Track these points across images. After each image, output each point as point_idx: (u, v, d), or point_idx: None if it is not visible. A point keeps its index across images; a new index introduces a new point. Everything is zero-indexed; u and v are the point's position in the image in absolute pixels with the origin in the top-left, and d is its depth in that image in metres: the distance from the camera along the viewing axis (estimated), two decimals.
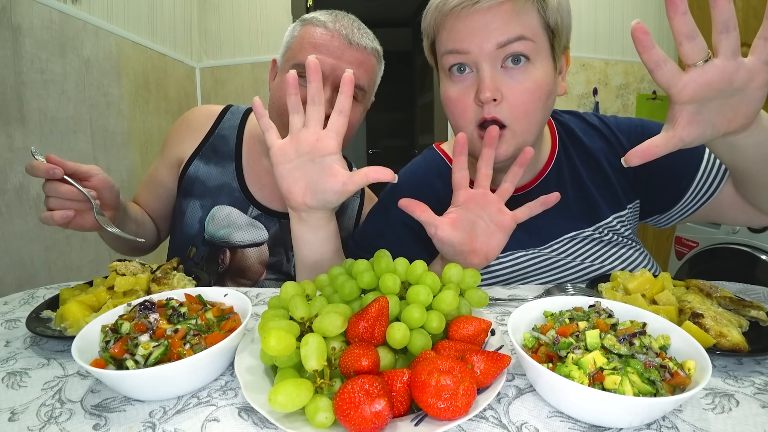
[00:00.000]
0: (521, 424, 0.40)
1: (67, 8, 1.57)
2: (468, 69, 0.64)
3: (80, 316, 0.59)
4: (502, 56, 0.62)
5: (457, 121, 0.68)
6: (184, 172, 0.90)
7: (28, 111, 1.40)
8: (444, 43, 0.65)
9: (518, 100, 0.62)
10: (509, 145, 0.65)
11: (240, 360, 0.47)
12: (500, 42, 0.60)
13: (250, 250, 0.89)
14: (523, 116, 0.64)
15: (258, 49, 2.65)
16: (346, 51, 0.73)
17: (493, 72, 0.62)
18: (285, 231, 0.89)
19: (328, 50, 0.73)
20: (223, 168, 0.90)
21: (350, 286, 0.52)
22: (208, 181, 0.90)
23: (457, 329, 0.48)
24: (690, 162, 0.74)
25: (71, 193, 0.67)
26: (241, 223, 0.89)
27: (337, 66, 0.73)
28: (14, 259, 1.31)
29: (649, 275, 0.63)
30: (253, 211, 0.89)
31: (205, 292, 0.59)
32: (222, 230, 0.89)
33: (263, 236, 0.89)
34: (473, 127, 0.66)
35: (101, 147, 1.77)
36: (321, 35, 0.74)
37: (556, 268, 0.79)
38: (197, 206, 0.89)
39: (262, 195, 0.90)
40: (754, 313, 0.56)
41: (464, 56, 0.63)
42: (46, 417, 0.42)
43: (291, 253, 0.89)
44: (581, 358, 0.41)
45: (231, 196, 0.89)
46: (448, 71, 0.66)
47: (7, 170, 1.31)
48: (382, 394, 0.36)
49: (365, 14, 1.11)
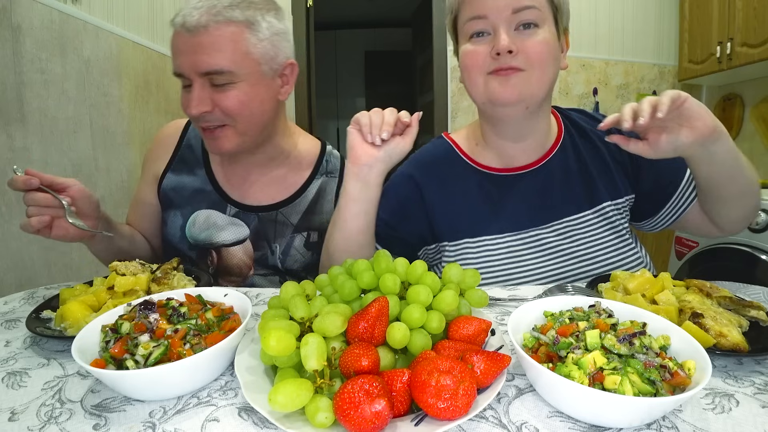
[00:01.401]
0: (521, 424, 0.40)
1: (67, 8, 1.57)
2: (486, 34, 0.74)
3: (80, 316, 0.59)
4: (515, 21, 0.71)
5: (471, 71, 0.75)
6: (160, 186, 0.95)
7: (28, 111, 1.40)
8: (466, 12, 0.74)
9: (532, 50, 0.71)
10: (523, 86, 0.72)
11: (240, 360, 0.47)
12: (515, 7, 0.70)
13: (235, 248, 0.91)
14: (537, 63, 0.72)
15: None
16: (196, 44, 0.75)
17: (508, 31, 0.71)
18: (265, 224, 0.92)
19: (184, 53, 0.77)
20: (195, 175, 0.94)
21: (350, 286, 0.52)
22: (183, 191, 0.94)
23: (457, 329, 0.48)
24: (675, 176, 0.85)
25: (47, 200, 0.72)
26: (222, 223, 0.91)
27: (195, 62, 0.76)
28: (14, 259, 1.31)
29: (649, 275, 0.63)
30: (231, 209, 0.92)
31: (205, 292, 0.59)
32: (203, 233, 0.91)
33: (245, 233, 0.91)
34: (484, 75, 0.74)
35: (101, 147, 1.77)
36: (176, 43, 0.78)
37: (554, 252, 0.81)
38: (177, 215, 0.93)
39: (237, 193, 0.93)
40: (754, 313, 0.56)
41: (483, 21, 0.72)
42: (46, 417, 0.42)
43: (274, 245, 0.91)
44: (581, 358, 0.41)
45: (208, 200, 0.93)
46: (468, 38, 0.75)
47: (7, 170, 1.31)
48: (382, 394, 0.36)
49: (365, 14, 1.11)
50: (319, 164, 0.95)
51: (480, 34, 0.74)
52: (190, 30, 0.74)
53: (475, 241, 0.82)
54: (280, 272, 0.93)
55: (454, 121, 2.73)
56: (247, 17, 0.77)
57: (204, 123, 0.80)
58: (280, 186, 0.93)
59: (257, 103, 0.80)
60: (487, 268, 0.81)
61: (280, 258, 0.91)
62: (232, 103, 0.78)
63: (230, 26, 0.76)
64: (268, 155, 0.91)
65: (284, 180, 0.93)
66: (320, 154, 0.97)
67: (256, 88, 0.80)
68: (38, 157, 1.47)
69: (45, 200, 0.72)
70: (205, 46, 0.75)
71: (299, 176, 0.94)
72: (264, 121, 0.84)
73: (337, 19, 5.05)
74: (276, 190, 0.93)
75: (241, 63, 0.77)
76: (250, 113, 0.80)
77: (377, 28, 5.28)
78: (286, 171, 0.94)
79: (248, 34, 0.77)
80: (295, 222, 0.92)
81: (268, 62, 0.81)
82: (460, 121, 2.72)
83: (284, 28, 0.84)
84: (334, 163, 0.97)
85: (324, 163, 0.96)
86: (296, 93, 2.67)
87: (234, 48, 0.76)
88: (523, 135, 0.82)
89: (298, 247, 0.92)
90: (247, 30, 0.77)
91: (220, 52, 0.75)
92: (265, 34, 0.79)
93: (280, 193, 0.93)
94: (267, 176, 0.93)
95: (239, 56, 0.77)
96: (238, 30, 0.76)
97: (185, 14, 0.75)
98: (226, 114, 0.79)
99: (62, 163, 1.56)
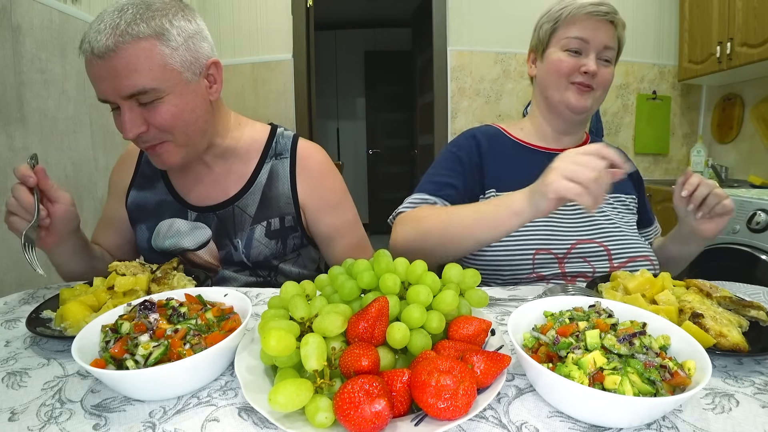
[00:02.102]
0: (521, 424, 0.40)
1: (67, 8, 1.57)
2: (578, 53, 0.91)
3: (80, 316, 0.59)
4: (601, 54, 0.91)
5: (561, 76, 0.92)
6: (126, 204, 0.96)
7: (28, 111, 1.40)
8: (572, 30, 0.91)
9: (602, 78, 0.92)
10: (590, 102, 0.93)
11: (240, 360, 0.47)
12: (606, 45, 0.91)
13: (201, 251, 0.92)
14: (602, 88, 0.93)
15: (258, 49, 2.65)
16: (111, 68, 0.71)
17: (596, 59, 0.91)
18: (224, 221, 0.92)
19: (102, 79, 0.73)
20: (155, 188, 0.95)
21: (350, 286, 0.52)
22: (146, 205, 0.94)
23: (457, 329, 0.48)
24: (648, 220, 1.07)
25: (26, 203, 0.72)
26: (186, 229, 0.92)
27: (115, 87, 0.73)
28: (14, 259, 1.31)
29: (649, 275, 0.63)
30: (191, 214, 0.93)
31: (205, 292, 0.59)
32: (168, 241, 0.92)
33: (207, 234, 0.92)
34: (566, 80, 0.92)
35: (101, 147, 1.77)
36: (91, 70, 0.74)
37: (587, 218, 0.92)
38: (144, 229, 0.94)
39: (195, 197, 0.93)
40: (754, 313, 0.56)
41: (584, 43, 0.90)
42: (46, 417, 0.42)
43: (236, 240, 0.91)
44: (581, 358, 0.41)
45: (170, 209, 0.93)
46: (563, 50, 0.92)
47: (7, 170, 1.31)
48: (382, 394, 0.36)
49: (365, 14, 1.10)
50: (267, 149, 0.94)
51: (575, 51, 0.91)
52: (100, 56, 0.70)
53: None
54: (248, 267, 0.93)
55: (454, 121, 2.73)
56: (155, 29, 0.73)
57: (144, 144, 0.78)
58: (231, 180, 0.92)
59: (189, 112, 0.78)
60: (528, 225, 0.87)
61: (244, 252, 0.91)
62: (165, 118, 0.75)
63: (140, 43, 0.71)
64: (213, 154, 0.90)
65: (234, 173, 0.93)
66: (269, 138, 0.95)
67: (184, 97, 0.77)
68: (38, 156, 1.47)
69: (25, 202, 0.72)
70: (119, 69, 0.71)
71: (248, 166, 0.93)
72: (201, 127, 0.82)
73: (337, 19, 5.05)
74: (227, 185, 0.92)
75: (161, 77, 0.73)
76: (184, 124, 0.78)
77: (377, 28, 5.28)
78: (235, 164, 0.93)
79: (161, 46, 0.73)
80: (253, 213, 0.91)
81: (189, 68, 0.77)
82: (459, 121, 2.72)
83: (197, 27, 0.80)
84: (283, 143, 0.95)
85: (273, 146, 0.94)
86: (296, 93, 2.67)
87: (150, 65, 0.72)
88: (570, 132, 1.00)
89: (259, 238, 0.91)
90: (158, 42, 0.73)
91: (137, 72, 0.71)
92: (178, 41, 0.75)
93: (232, 187, 0.92)
94: (217, 174, 0.92)
95: (158, 71, 0.73)
96: (149, 45, 0.72)
97: (90, 39, 0.71)
98: (161, 130, 0.77)
99: (62, 162, 1.56)
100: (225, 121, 0.91)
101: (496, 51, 2.70)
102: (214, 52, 0.85)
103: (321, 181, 0.94)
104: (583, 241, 0.88)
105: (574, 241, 0.87)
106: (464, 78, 2.70)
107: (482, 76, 2.71)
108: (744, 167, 2.60)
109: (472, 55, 2.69)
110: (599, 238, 0.89)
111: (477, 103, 2.73)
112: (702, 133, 2.90)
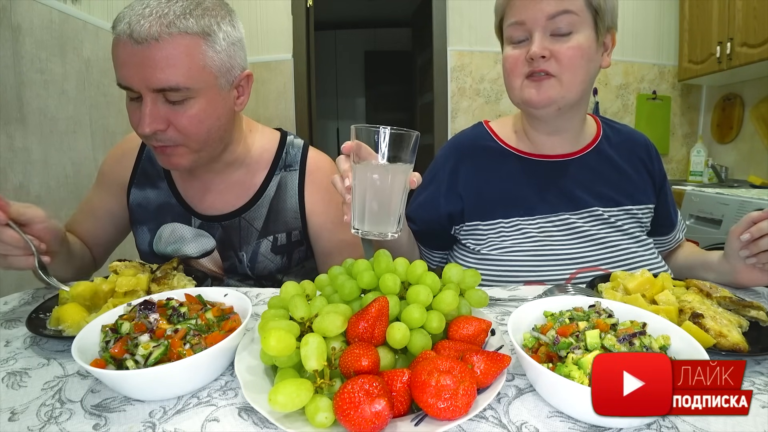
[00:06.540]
0: (521, 424, 0.40)
1: (67, 8, 1.57)
2: (525, 39, 0.78)
3: (78, 318, 0.59)
4: (550, 27, 0.75)
5: (510, 74, 0.80)
6: (128, 201, 0.93)
7: (28, 111, 1.40)
8: (507, 17, 0.79)
9: (564, 55, 0.74)
10: (554, 90, 0.76)
11: (240, 360, 0.47)
12: (549, 14, 0.73)
13: (203, 259, 0.90)
14: (567, 69, 0.75)
15: (258, 49, 2.65)
16: (147, 57, 0.68)
17: (542, 37, 0.75)
18: (229, 233, 0.89)
19: (131, 65, 0.69)
20: (158, 189, 0.92)
21: (350, 286, 0.52)
22: (148, 206, 0.91)
23: (457, 329, 0.48)
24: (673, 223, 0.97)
25: (15, 240, 0.66)
26: (189, 236, 0.90)
27: (146, 76, 0.69)
28: None
29: (649, 275, 0.63)
30: (195, 221, 0.90)
31: (205, 292, 0.59)
32: (169, 246, 0.90)
33: (211, 244, 0.90)
34: (522, 78, 0.79)
35: (101, 147, 1.77)
36: (121, 54, 0.70)
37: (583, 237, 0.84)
38: (145, 231, 0.92)
39: (200, 204, 0.90)
40: (754, 313, 0.56)
41: (522, 27, 0.76)
42: (46, 417, 0.42)
43: (241, 253, 0.90)
44: (581, 358, 0.41)
45: (173, 213, 0.90)
46: (509, 43, 0.80)
47: (7, 170, 1.31)
48: (382, 394, 0.36)
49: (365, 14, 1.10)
50: (277, 160, 0.91)
51: (520, 40, 0.78)
52: (139, 41, 0.67)
53: (509, 221, 0.85)
54: (252, 279, 0.91)
55: (454, 121, 2.73)
56: (203, 27, 0.71)
57: (156, 142, 0.75)
58: (239, 191, 0.90)
59: (214, 119, 0.76)
60: (519, 246, 0.83)
61: (248, 266, 0.89)
62: (189, 122, 0.72)
63: (185, 38, 0.69)
64: (224, 162, 0.87)
65: (242, 184, 0.90)
66: (279, 148, 0.92)
67: (212, 103, 0.74)
68: (38, 157, 1.47)
69: (13, 240, 0.66)
70: (157, 60, 0.67)
71: (257, 177, 0.90)
72: (220, 136, 0.80)
73: (337, 19, 5.05)
74: (235, 195, 0.89)
75: (197, 78, 0.71)
76: (206, 131, 0.75)
77: (377, 28, 5.28)
78: (244, 174, 0.90)
79: (205, 46, 0.71)
80: (260, 227, 0.89)
81: (225, 75, 0.75)
82: (459, 121, 2.72)
83: (240, 36, 0.78)
84: (293, 154, 0.92)
85: (283, 156, 0.92)
86: (296, 93, 2.67)
87: (190, 63, 0.69)
88: (557, 130, 0.87)
89: (265, 253, 0.89)
90: (204, 42, 0.71)
91: (175, 67, 0.68)
92: (222, 46, 0.73)
93: (240, 198, 0.89)
94: (225, 183, 0.89)
95: (195, 71, 0.70)
96: (194, 42, 0.70)
97: (131, 22, 0.67)
98: (181, 133, 0.73)
99: (62, 162, 1.56)
100: (239, 129, 0.88)
101: (496, 51, 2.68)
102: (247, 64, 0.82)
103: (328, 196, 0.92)
104: (585, 270, 0.81)
105: (574, 271, 0.81)
106: (464, 78, 2.70)
107: (482, 76, 2.71)
108: (744, 167, 2.60)
109: (472, 55, 2.69)
110: (604, 265, 0.82)
111: (477, 103, 2.73)
112: (702, 133, 2.90)
